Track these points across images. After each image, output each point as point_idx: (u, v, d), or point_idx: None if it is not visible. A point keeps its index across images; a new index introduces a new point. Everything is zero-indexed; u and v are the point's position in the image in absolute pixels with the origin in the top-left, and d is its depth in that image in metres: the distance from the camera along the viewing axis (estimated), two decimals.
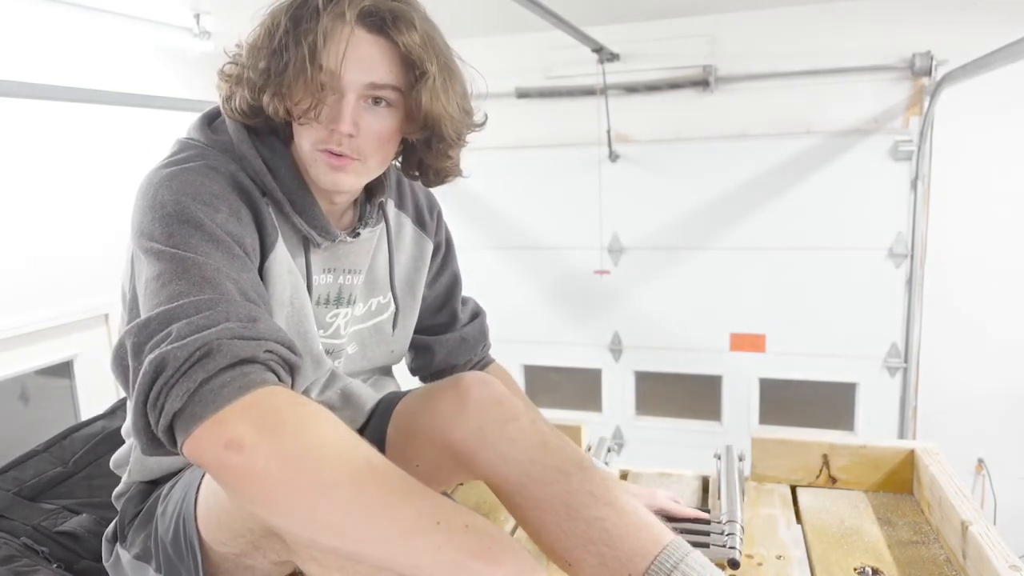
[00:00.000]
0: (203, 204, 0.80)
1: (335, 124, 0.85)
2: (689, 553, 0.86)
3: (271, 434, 0.65)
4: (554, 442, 0.92)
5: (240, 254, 0.80)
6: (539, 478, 0.89)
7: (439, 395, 0.97)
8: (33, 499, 1.18)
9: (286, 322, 0.91)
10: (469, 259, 3.20)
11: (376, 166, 0.92)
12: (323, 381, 1.02)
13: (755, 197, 2.88)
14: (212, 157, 0.87)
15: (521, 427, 0.92)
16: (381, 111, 0.88)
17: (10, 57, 2.27)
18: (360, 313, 1.07)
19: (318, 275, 0.98)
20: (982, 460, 2.73)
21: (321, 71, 0.83)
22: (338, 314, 1.02)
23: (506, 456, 0.90)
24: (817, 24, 2.70)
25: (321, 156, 0.87)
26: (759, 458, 1.36)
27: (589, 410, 3.26)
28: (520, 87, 3.05)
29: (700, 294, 3.01)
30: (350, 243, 1.00)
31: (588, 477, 0.89)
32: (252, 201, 0.87)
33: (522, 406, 0.95)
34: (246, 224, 0.84)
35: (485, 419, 0.92)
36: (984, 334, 2.69)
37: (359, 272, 1.03)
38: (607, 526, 0.86)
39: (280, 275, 0.89)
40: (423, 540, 0.65)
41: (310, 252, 0.95)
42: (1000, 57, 1.86)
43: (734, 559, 1.06)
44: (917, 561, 1.08)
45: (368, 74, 0.85)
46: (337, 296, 1.01)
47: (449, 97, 0.91)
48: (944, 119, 2.61)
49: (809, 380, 2.96)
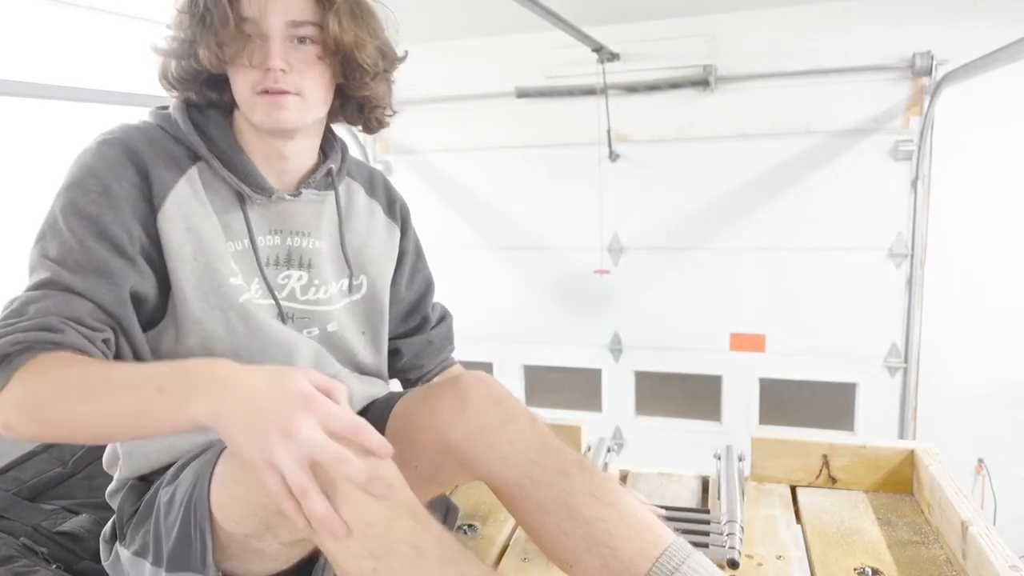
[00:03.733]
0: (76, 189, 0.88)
1: (267, 63, 0.92)
2: (691, 555, 0.86)
3: (31, 415, 0.77)
4: (554, 443, 0.92)
5: (83, 238, 0.86)
6: (540, 479, 0.89)
7: (437, 395, 0.98)
8: (33, 499, 1.18)
9: (194, 277, 0.93)
10: (469, 259, 3.25)
11: (315, 101, 0.97)
12: (310, 362, 1.02)
13: (755, 197, 2.88)
14: (114, 135, 0.94)
15: (521, 428, 0.92)
16: (306, 47, 0.95)
17: (10, 57, 2.27)
18: (335, 291, 1.08)
19: (262, 235, 1.00)
20: (982, 460, 2.72)
21: (244, 20, 0.90)
22: (290, 276, 1.03)
23: (506, 457, 0.90)
24: (817, 24, 2.70)
25: (259, 99, 0.93)
26: (759, 458, 1.36)
27: (589, 410, 3.26)
28: (520, 87, 3.05)
29: (700, 294, 3.01)
30: (292, 201, 1.02)
31: (589, 478, 0.89)
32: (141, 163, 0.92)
33: (521, 406, 0.95)
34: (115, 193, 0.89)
35: (484, 420, 0.92)
36: (984, 334, 2.69)
37: (308, 235, 1.04)
38: (609, 527, 0.87)
39: (173, 232, 0.91)
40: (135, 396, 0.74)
41: (247, 208, 0.98)
42: (1000, 57, 1.86)
43: (734, 559, 1.06)
44: (917, 561, 1.08)
45: (287, 13, 0.93)
46: (287, 258, 1.03)
47: (360, 26, 0.97)
48: (944, 119, 2.60)
49: (809, 380, 2.96)
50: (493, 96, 3.09)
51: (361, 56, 0.97)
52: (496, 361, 3.32)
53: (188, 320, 0.93)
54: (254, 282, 0.99)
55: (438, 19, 2.81)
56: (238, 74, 0.94)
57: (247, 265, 0.99)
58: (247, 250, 0.99)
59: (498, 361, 3.32)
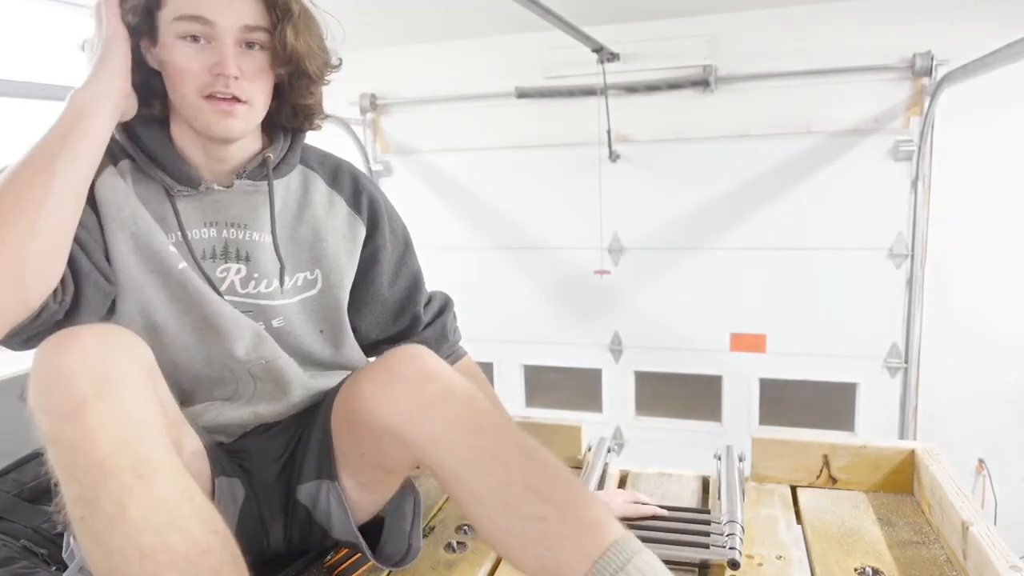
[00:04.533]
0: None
1: (221, 68, 0.90)
2: (635, 555, 0.77)
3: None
4: (492, 423, 0.84)
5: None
6: (475, 465, 0.81)
7: (368, 374, 0.93)
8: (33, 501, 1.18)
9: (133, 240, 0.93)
10: (469, 259, 3.25)
11: (260, 108, 0.97)
12: (249, 341, 1.00)
13: (755, 197, 2.88)
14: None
15: (455, 406, 0.85)
16: (256, 53, 0.94)
17: (10, 57, 2.27)
18: (288, 287, 1.05)
19: (197, 228, 0.99)
20: (982, 460, 2.72)
21: (194, 18, 0.89)
22: (228, 269, 1.01)
23: (438, 439, 0.83)
24: (817, 24, 2.70)
25: (207, 104, 0.92)
26: (759, 458, 1.36)
27: (589, 410, 3.26)
28: (520, 87, 3.05)
29: (700, 294, 3.01)
30: (226, 193, 1.00)
31: (529, 468, 0.81)
32: None
33: (458, 381, 0.88)
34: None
35: (414, 397, 0.85)
36: (984, 334, 2.69)
37: (245, 227, 1.01)
38: (546, 527, 0.78)
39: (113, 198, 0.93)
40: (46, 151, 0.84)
41: (176, 201, 0.98)
42: (1000, 57, 1.86)
43: (734, 559, 1.06)
44: (917, 561, 1.08)
45: (241, 17, 0.91)
46: (224, 250, 1.01)
47: (311, 35, 0.97)
48: (944, 119, 2.60)
49: (809, 380, 2.96)
50: (493, 96, 3.09)
51: (310, 65, 0.97)
52: (496, 361, 3.32)
53: (127, 285, 0.93)
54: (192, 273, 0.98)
55: (438, 19, 2.81)
56: (180, 76, 0.92)
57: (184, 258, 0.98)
58: (180, 243, 0.97)
59: (498, 361, 3.32)
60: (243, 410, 1.04)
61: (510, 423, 0.87)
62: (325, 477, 0.98)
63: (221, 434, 1.03)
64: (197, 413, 1.01)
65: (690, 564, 1.10)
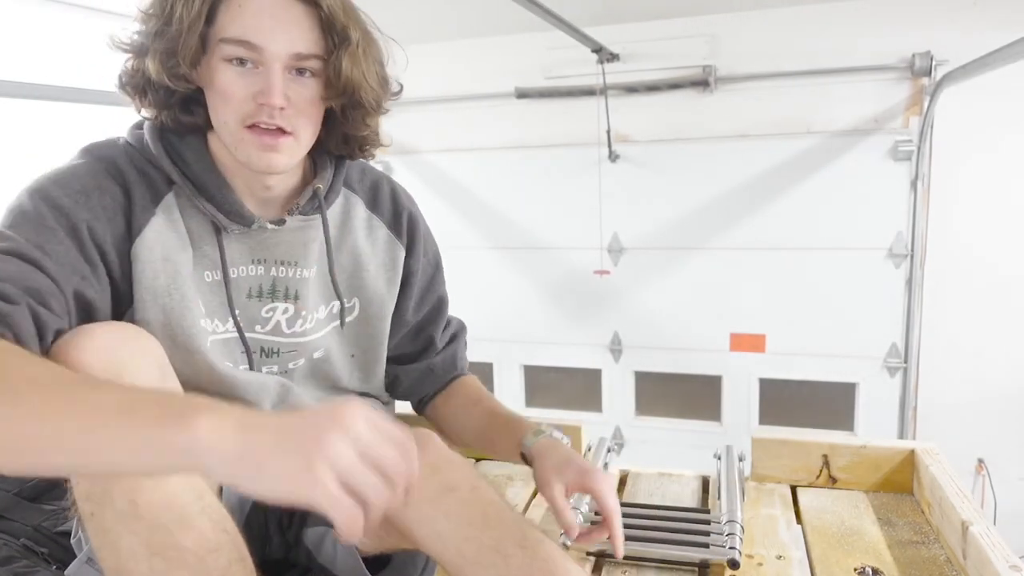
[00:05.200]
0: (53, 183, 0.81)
1: (266, 98, 0.82)
2: None
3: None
4: (496, 514, 0.83)
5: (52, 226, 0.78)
6: (474, 559, 0.80)
7: None
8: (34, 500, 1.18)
9: (163, 314, 0.85)
10: (469, 259, 3.25)
11: (307, 141, 0.90)
12: (276, 396, 0.97)
13: (755, 197, 2.88)
14: (100, 150, 0.87)
15: (459, 499, 0.83)
16: (306, 81, 0.86)
17: (10, 57, 2.27)
18: (323, 316, 1.02)
19: (244, 265, 0.93)
20: (982, 460, 2.72)
21: (242, 42, 0.81)
22: (275, 308, 0.96)
23: (441, 533, 0.82)
24: (817, 24, 2.70)
25: (249, 135, 0.84)
26: (759, 458, 1.36)
27: (589, 410, 3.26)
28: (520, 87, 3.05)
29: (700, 294, 3.01)
30: (276, 231, 0.94)
31: (529, 558, 0.80)
32: (125, 183, 0.85)
33: (464, 472, 0.86)
34: (96, 200, 0.82)
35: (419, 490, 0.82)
36: (984, 334, 2.69)
37: (295, 265, 0.97)
38: None
39: (150, 262, 0.84)
40: (104, 431, 0.57)
41: (222, 238, 0.90)
42: (1000, 57, 1.86)
43: (734, 559, 1.06)
44: (917, 561, 1.08)
45: (293, 44, 0.83)
46: (272, 289, 0.95)
47: (369, 64, 0.89)
48: (944, 119, 2.60)
49: (809, 380, 2.96)
50: (493, 96, 3.09)
51: (365, 96, 0.90)
52: (496, 361, 3.32)
53: None
54: (227, 320, 0.93)
55: (438, 19, 2.81)
56: (223, 101, 0.84)
57: (221, 300, 0.92)
58: (220, 283, 0.91)
59: (498, 361, 3.32)
60: None
61: (514, 514, 0.86)
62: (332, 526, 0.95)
63: None
64: None
65: (690, 564, 1.10)
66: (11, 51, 2.29)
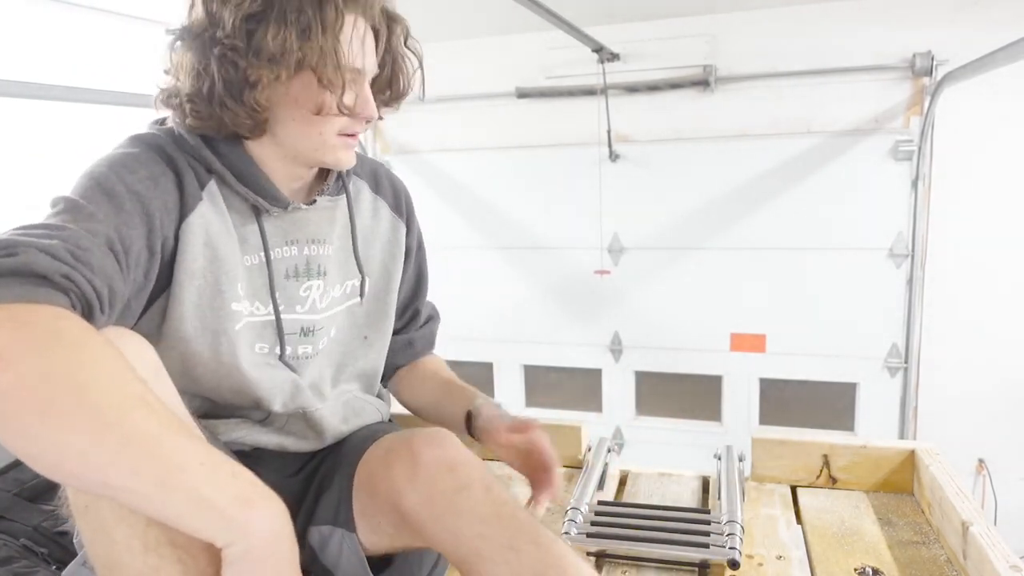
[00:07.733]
0: (121, 167, 0.83)
1: (365, 112, 0.92)
2: None
3: (39, 352, 0.60)
4: (509, 513, 0.85)
5: (129, 209, 0.81)
6: (487, 556, 0.82)
7: (394, 456, 0.92)
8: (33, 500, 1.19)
9: (196, 295, 0.89)
10: (469, 259, 3.25)
11: None
12: (287, 394, 1.00)
13: (755, 197, 2.88)
14: (149, 139, 0.90)
15: (473, 497, 0.85)
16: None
17: (10, 57, 2.27)
18: (337, 294, 1.06)
19: (281, 247, 0.99)
20: (982, 460, 2.73)
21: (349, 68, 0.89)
22: (311, 286, 1.01)
23: (455, 530, 0.84)
24: (817, 24, 2.70)
25: (341, 141, 0.94)
26: (759, 458, 1.36)
27: (589, 410, 3.26)
28: (520, 87, 3.05)
29: (700, 294, 3.01)
30: (306, 210, 1.00)
31: (541, 554, 0.82)
32: (176, 168, 0.88)
33: (478, 470, 0.88)
34: (163, 186, 0.85)
35: (434, 488, 0.86)
36: (984, 334, 2.69)
37: (323, 242, 1.03)
38: None
39: (192, 244, 0.88)
40: (181, 478, 0.61)
41: (263, 220, 0.96)
42: (1000, 57, 1.86)
43: (734, 559, 1.06)
44: (917, 561, 1.08)
45: (375, 64, 0.94)
46: (306, 268, 1.01)
47: (405, 76, 1.01)
48: (944, 119, 2.60)
49: (809, 380, 2.96)
50: (493, 96, 3.09)
51: (394, 102, 1.02)
52: (496, 361, 3.32)
53: (176, 336, 0.89)
54: (268, 303, 0.97)
55: (438, 19, 2.81)
56: (322, 117, 0.90)
57: (263, 280, 0.97)
58: (262, 264, 0.96)
59: (498, 361, 3.32)
60: (269, 436, 1.03)
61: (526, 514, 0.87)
62: (341, 526, 0.95)
63: (240, 444, 1.02)
64: (218, 425, 1.00)
65: (690, 564, 1.10)
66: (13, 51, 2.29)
